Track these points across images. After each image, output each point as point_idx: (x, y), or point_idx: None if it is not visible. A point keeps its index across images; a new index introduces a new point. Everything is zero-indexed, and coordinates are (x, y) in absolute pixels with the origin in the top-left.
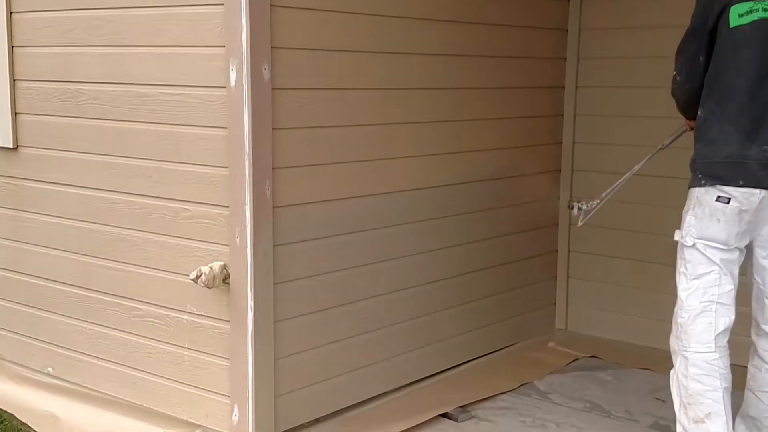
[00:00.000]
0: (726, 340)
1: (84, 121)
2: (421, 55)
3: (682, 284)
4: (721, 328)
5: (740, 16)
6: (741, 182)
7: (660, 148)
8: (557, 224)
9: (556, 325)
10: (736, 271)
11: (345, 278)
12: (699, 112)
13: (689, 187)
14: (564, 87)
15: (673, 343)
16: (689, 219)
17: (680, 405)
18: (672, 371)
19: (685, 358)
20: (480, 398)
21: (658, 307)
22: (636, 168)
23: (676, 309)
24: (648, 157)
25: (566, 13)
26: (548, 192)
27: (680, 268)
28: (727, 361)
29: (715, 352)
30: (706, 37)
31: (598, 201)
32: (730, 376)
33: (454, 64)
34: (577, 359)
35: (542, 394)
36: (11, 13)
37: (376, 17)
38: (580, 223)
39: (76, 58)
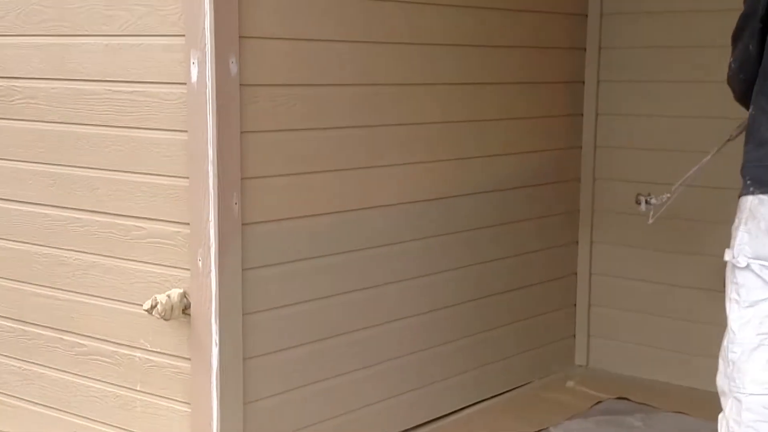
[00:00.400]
0: None
1: (18, 124)
2: (420, 45)
3: (734, 313)
4: None
5: None
6: None
7: (728, 140)
8: (577, 242)
9: (575, 361)
10: None
11: (327, 307)
12: (750, 109)
13: (739, 196)
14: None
15: (722, 382)
16: (741, 235)
17: None
18: (720, 416)
19: (738, 401)
20: None
21: (693, 339)
22: (705, 160)
23: (725, 342)
24: (717, 149)
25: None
26: (567, 205)
27: (731, 293)
28: None
29: None
30: (759, 24)
31: (669, 195)
32: None
33: (455, 56)
34: (600, 401)
35: None
36: None
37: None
38: (651, 220)
39: (9, 50)
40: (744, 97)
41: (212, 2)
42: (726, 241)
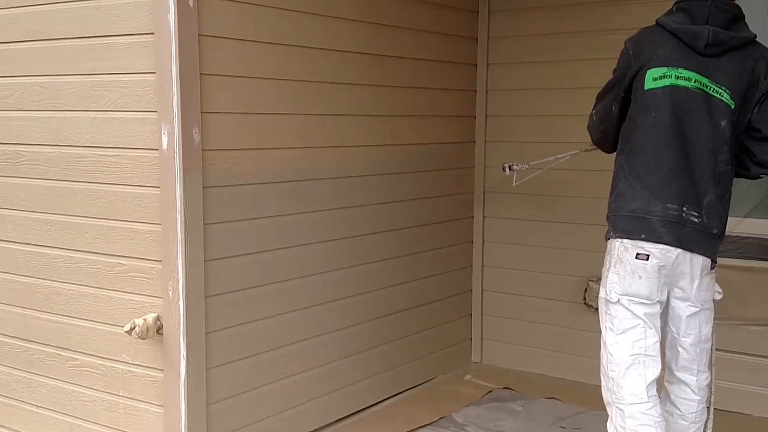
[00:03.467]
0: (655, 389)
1: (23, 181)
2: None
3: (610, 338)
4: (651, 379)
5: (654, 79)
6: (643, 236)
7: (585, 150)
8: (471, 265)
9: (472, 359)
10: (659, 323)
11: (274, 324)
12: (614, 167)
13: (606, 238)
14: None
15: (607, 395)
16: (612, 276)
17: None
18: (609, 422)
19: (621, 410)
20: None
21: (563, 340)
22: (570, 153)
23: (604, 362)
24: (582, 150)
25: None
26: (464, 235)
27: (606, 323)
28: (659, 409)
29: (648, 402)
30: (622, 93)
31: (527, 165)
32: (664, 422)
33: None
34: (491, 391)
35: (459, 426)
36: None
37: (305, 83)
38: (515, 184)
39: (15, 122)
40: (600, 143)
41: (179, 85)
42: (585, 269)
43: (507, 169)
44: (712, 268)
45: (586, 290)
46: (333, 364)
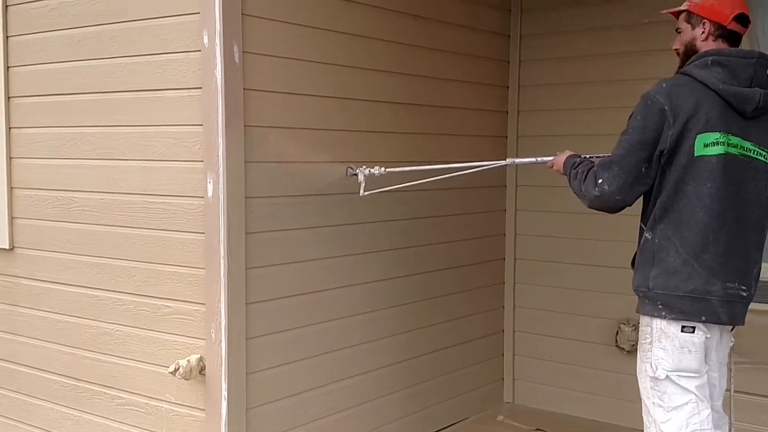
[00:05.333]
0: None
1: (75, 226)
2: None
3: (660, 415)
4: None
5: (706, 146)
6: (703, 318)
7: (508, 163)
8: (503, 306)
9: (504, 399)
10: (708, 392)
11: (313, 365)
12: (648, 235)
13: (642, 314)
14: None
15: None
16: (657, 352)
17: None
18: None
19: None
20: None
21: (596, 382)
22: (476, 165)
23: None
24: (492, 164)
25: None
26: (496, 277)
27: (653, 399)
28: None
29: None
30: (657, 153)
31: (384, 168)
32: None
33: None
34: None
35: None
36: (9, 128)
37: (345, 133)
38: (362, 193)
39: (69, 170)
40: (605, 211)
41: (224, 136)
42: (617, 311)
43: (359, 175)
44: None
45: (617, 333)
46: (368, 403)
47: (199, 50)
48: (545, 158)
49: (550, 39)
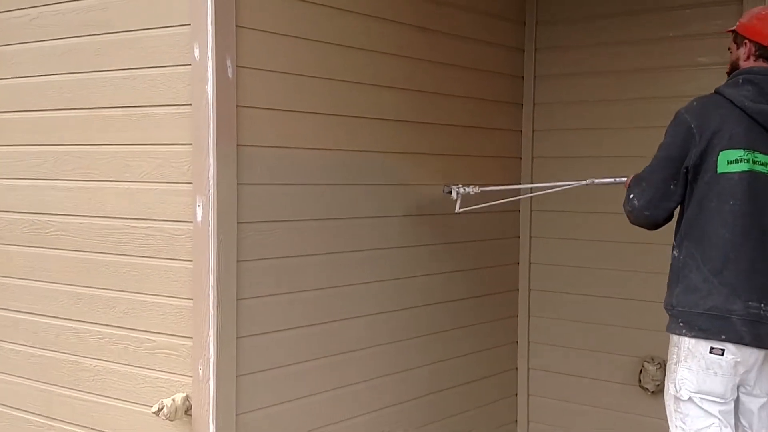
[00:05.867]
0: None
1: (52, 252)
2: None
3: None
4: None
5: (729, 163)
6: (723, 337)
7: (587, 183)
8: (516, 341)
9: None
10: (733, 420)
11: (309, 405)
12: (675, 252)
13: (669, 332)
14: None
15: None
16: (682, 372)
17: None
18: None
19: None
20: None
21: (617, 426)
22: (569, 184)
23: None
24: (572, 184)
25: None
26: (507, 310)
27: (676, 421)
28: None
29: None
30: (683, 170)
31: (478, 187)
32: None
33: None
34: None
35: None
36: None
37: (344, 152)
38: (457, 210)
39: (46, 191)
40: (640, 226)
41: (216, 157)
42: (640, 348)
43: (451, 192)
44: None
45: (641, 372)
46: None
47: (190, 64)
48: (622, 178)
49: (567, 54)
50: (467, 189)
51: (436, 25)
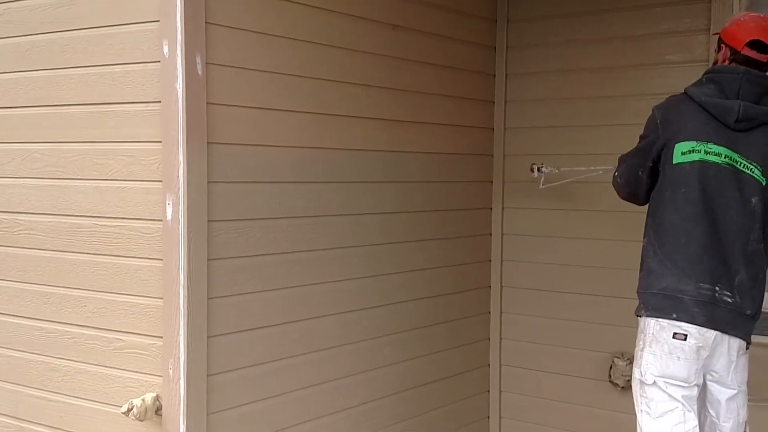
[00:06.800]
0: None
1: (19, 251)
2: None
3: (646, 423)
4: None
5: (683, 153)
6: (674, 315)
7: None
8: (489, 338)
9: None
10: (696, 407)
11: (282, 404)
12: (643, 242)
13: (637, 315)
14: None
15: None
16: (647, 357)
17: None
18: None
19: None
20: None
21: (588, 421)
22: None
23: None
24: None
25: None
26: (479, 307)
27: (641, 406)
28: None
29: None
30: (649, 163)
31: (557, 169)
32: None
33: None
34: None
35: None
36: None
37: (318, 150)
38: (541, 186)
39: (13, 189)
40: (627, 200)
41: (186, 154)
42: (610, 344)
43: (536, 171)
44: (747, 348)
45: (611, 367)
46: None
47: (159, 61)
48: None
49: (539, 51)
50: (553, 169)
51: (408, 23)
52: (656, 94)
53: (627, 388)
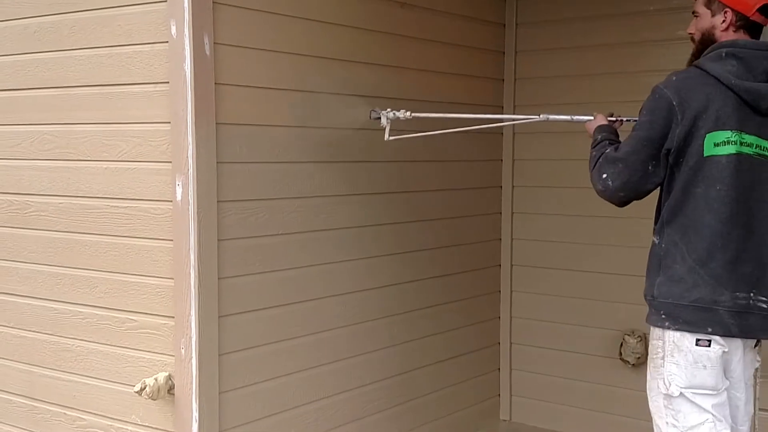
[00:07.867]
0: None
1: (31, 232)
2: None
3: None
4: None
5: (716, 145)
6: (709, 329)
7: (541, 119)
8: (499, 317)
9: (500, 416)
10: (728, 412)
11: (291, 383)
12: (655, 239)
13: (650, 324)
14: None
15: None
16: (670, 367)
17: None
18: None
19: None
20: None
21: (598, 398)
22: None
23: None
24: (523, 118)
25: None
26: (489, 285)
27: (666, 418)
28: None
29: None
30: (664, 152)
31: (410, 112)
32: None
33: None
34: None
35: None
36: None
37: (323, 130)
38: (387, 137)
39: (24, 171)
40: (615, 204)
41: (194, 135)
42: (620, 322)
43: (382, 119)
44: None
45: (621, 345)
46: (354, 423)
47: (167, 42)
48: (581, 117)
49: (548, 28)
50: (398, 114)
51: (417, 1)
52: (667, 70)
53: (637, 365)
